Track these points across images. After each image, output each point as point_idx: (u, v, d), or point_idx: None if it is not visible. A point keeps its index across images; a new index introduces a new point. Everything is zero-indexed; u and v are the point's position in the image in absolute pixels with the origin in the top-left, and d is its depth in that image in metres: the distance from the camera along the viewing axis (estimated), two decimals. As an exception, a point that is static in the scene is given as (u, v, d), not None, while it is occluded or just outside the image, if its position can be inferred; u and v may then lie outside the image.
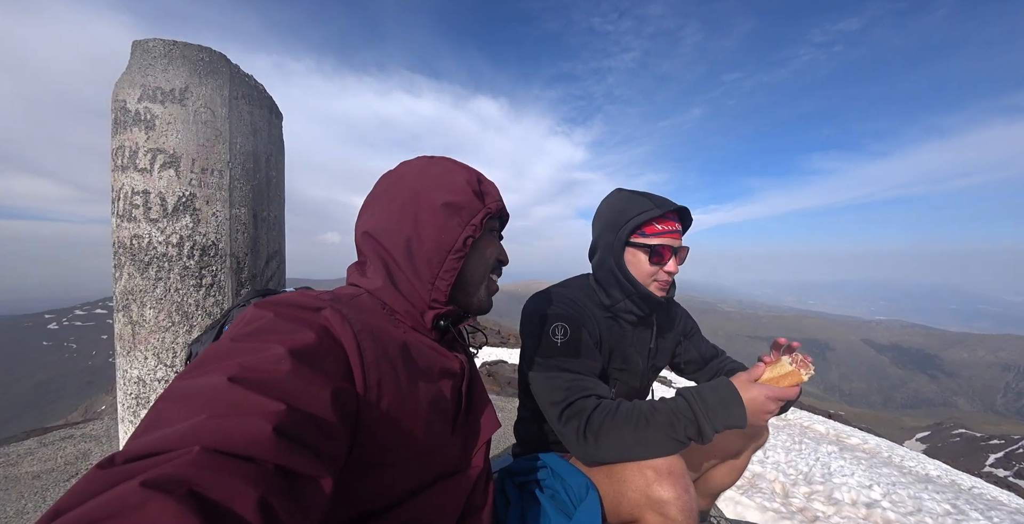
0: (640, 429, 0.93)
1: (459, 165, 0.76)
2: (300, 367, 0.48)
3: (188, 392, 0.43)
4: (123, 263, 1.47)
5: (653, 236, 1.11)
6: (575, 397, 0.99)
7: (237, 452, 0.38)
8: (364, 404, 0.55)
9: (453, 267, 0.70)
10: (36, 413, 72.86)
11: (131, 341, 1.45)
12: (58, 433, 2.47)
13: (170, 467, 0.34)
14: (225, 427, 0.39)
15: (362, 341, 0.57)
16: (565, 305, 1.12)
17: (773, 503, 4.65)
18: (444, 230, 0.69)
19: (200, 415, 0.40)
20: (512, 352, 12.57)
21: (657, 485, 0.88)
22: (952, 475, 9.10)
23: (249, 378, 0.44)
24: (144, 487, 0.31)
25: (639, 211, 1.10)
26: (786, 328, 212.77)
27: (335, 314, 0.58)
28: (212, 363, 0.47)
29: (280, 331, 0.52)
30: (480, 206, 0.73)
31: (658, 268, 1.12)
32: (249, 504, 0.35)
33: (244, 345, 0.49)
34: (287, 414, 0.43)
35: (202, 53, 1.56)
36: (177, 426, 0.39)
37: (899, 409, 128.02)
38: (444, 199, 0.70)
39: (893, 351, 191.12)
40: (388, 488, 0.61)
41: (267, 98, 1.79)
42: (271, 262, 1.77)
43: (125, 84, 1.51)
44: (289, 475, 0.40)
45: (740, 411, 0.92)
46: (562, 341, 1.05)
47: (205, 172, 1.53)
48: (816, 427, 12.37)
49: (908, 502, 5.26)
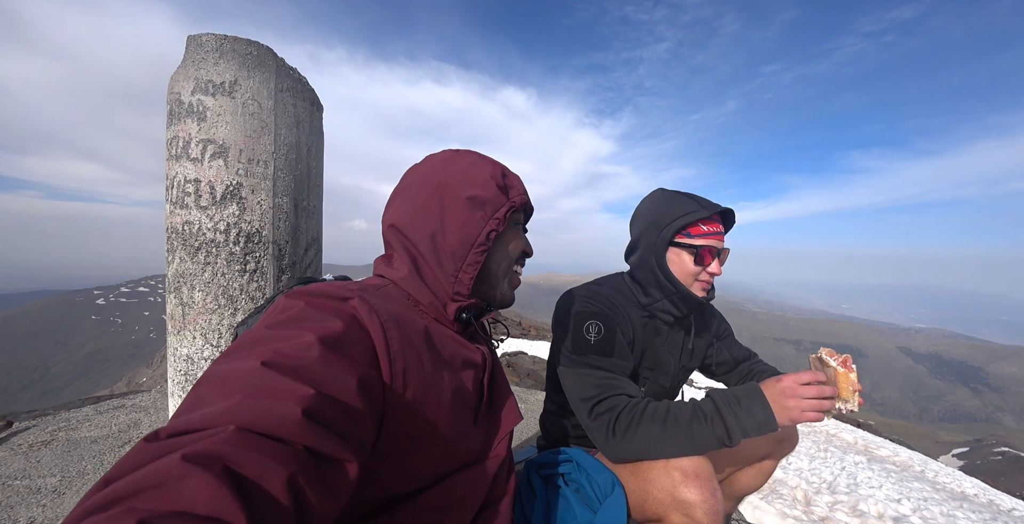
0: (668, 428, 0.93)
1: (484, 159, 0.77)
2: (329, 354, 0.50)
3: (225, 375, 0.46)
4: (175, 247, 1.56)
5: (698, 237, 1.10)
6: (606, 395, 1.00)
7: (269, 433, 0.40)
8: (390, 392, 0.57)
9: (476, 260, 0.71)
10: (86, 381, 78.26)
11: (181, 321, 1.54)
12: (111, 403, 2.66)
13: (208, 444, 0.36)
14: (258, 409, 0.41)
15: (388, 330, 0.59)
16: (600, 303, 1.13)
17: (794, 510, 4.55)
18: (468, 224, 0.70)
19: (235, 397, 0.42)
20: (532, 344, 12.60)
21: (684, 486, 0.89)
22: (991, 495, 8.63)
23: (281, 363, 0.46)
24: (185, 461, 0.34)
25: (685, 212, 1.10)
26: (815, 332, 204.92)
27: (363, 304, 0.60)
28: (247, 349, 0.50)
29: (310, 319, 0.54)
30: (504, 200, 0.74)
31: (701, 269, 1.11)
32: (279, 482, 0.37)
33: (277, 332, 0.52)
34: (316, 399, 0.45)
35: (251, 47, 1.62)
36: (215, 406, 0.41)
37: (935, 422, 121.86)
38: (468, 193, 0.71)
39: (932, 361, 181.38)
40: (412, 474, 0.63)
41: (309, 90, 1.84)
42: (310, 250, 1.84)
43: (180, 77, 1.59)
44: (317, 457, 0.42)
45: (762, 406, 0.91)
46: (595, 339, 1.06)
47: (251, 162, 1.60)
48: (843, 436, 11.94)
49: (940, 519, 5.05)
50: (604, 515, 0.90)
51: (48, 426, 2.23)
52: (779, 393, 0.92)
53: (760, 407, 0.91)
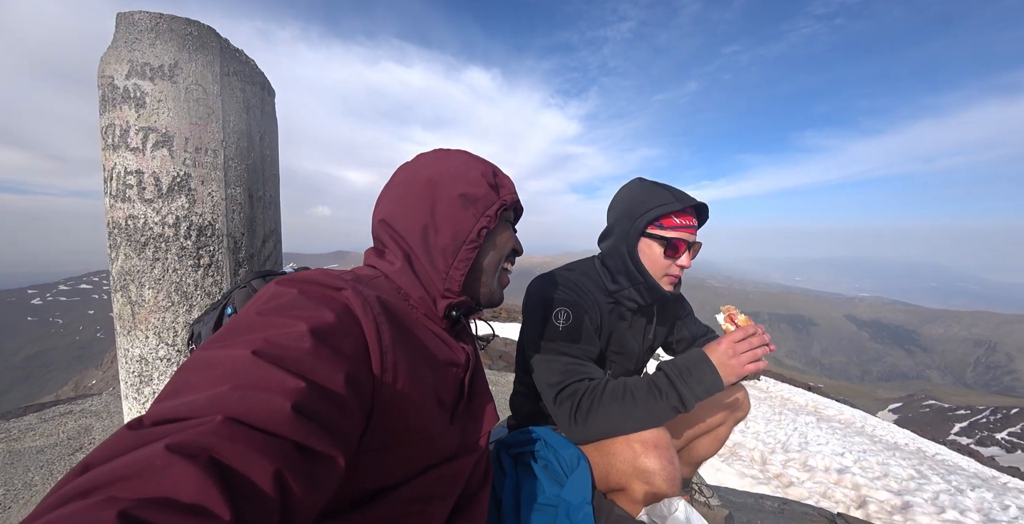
0: (626, 406, 0.99)
1: (475, 158, 0.77)
2: (320, 346, 0.49)
3: (213, 361, 0.44)
4: (119, 244, 1.47)
5: (670, 229, 1.11)
6: (569, 381, 1.04)
7: (257, 425, 0.39)
8: (380, 385, 0.57)
9: (467, 257, 0.72)
10: (27, 387, 72.86)
11: (131, 321, 1.47)
12: (57, 409, 2.51)
13: (193, 433, 0.35)
14: (247, 400, 0.40)
15: (381, 324, 0.59)
16: (569, 290, 1.15)
17: (752, 470, 4.92)
18: (460, 221, 0.71)
19: (223, 385, 0.41)
20: (503, 326, 12.74)
21: (644, 457, 0.95)
22: (919, 443, 9.65)
23: (272, 353, 0.45)
24: (169, 451, 0.33)
25: (659, 203, 1.11)
26: (772, 304, 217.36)
27: (356, 295, 0.59)
28: (237, 335, 0.48)
29: (303, 308, 0.53)
30: (495, 198, 0.74)
31: (671, 261, 1.14)
32: (265, 475, 0.37)
33: (268, 319, 0.51)
34: (305, 392, 0.44)
35: (190, 27, 1.51)
36: (201, 394, 0.40)
37: (875, 382, 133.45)
38: (460, 190, 0.72)
39: (873, 327, 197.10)
40: (394, 468, 0.64)
41: (259, 74, 1.74)
42: (268, 241, 1.78)
43: (111, 59, 1.46)
44: (304, 451, 0.42)
45: (711, 370, 0.99)
46: (564, 326, 1.09)
47: (199, 151, 1.51)
48: (796, 399, 12.91)
49: (876, 468, 5.61)
50: (571, 488, 0.96)
51: (-11, 436, 2.09)
52: (721, 355, 1.01)
53: (708, 372, 1.00)
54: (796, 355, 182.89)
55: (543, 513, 0.93)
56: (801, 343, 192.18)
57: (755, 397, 11.08)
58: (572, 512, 0.91)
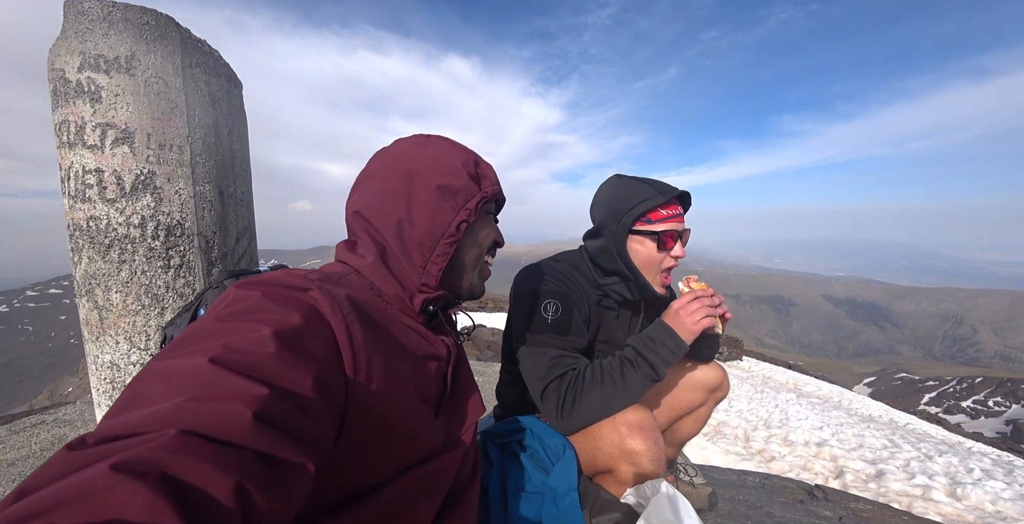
0: (606, 387, 1.02)
1: (456, 146, 0.74)
2: (286, 350, 0.47)
3: (167, 372, 0.42)
4: (81, 246, 1.41)
5: (659, 222, 1.11)
6: (555, 375, 1.05)
7: (215, 436, 0.37)
8: (354, 386, 0.55)
9: (445, 252, 0.69)
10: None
11: (99, 326, 1.42)
12: (28, 420, 2.42)
13: (143, 450, 0.33)
14: (204, 410, 0.38)
15: (351, 323, 0.57)
16: (558, 281, 1.15)
17: (735, 447, 5.09)
18: (438, 214, 0.68)
19: (178, 397, 0.39)
20: (491, 316, 12.77)
21: (630, 438, 0.98)
22: (891, 414, 10.11)
23: (231, 360, 0.43)
24: (114, 470, 0.31)
25: (642, 199, 1.10)
26: (753, 286, 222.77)
27: (324, 295, 0.56)
28: (194, 343, 0.46)
29: (266, 311, 0.51)
30: (476, 190, 0.71)
31: (665, 254, 1.15)
32: (225, 489, 0.34)
33: (228, 325, 0.48)
34: (269, 398, 0.42)
35: (147, 16, 1.43)
36: (154, 407, 0.38)
37: (851, 357, 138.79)
38: (439, 182, 0.69)
39: (848, 305, 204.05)
40: (375, 468, 0.62)
41: (224, 65, 1.67)
42: (241, 239, 1.73)
43: (62, 51, 1.38)
44: (269, 461, 0.40)
45: (670, 332, 1.07)
46: (552, 318, 1.09)
47: (163, 148, 1.45)
48: (776, 377, 13.36)
49: (852, 439, 5.86)
50: (556, 475, 0.97)
51: (-43, 451, 2.00)
52: (675, 316, 1.09)
53: (668, 335, 1.07)
54: (776, 335, 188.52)
55: (530, 501, 0.94)
56: (781, 323, 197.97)
57: (738, 377, 11.42)
58: (558, 499, 0.92)
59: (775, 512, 1.86)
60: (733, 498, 1.96)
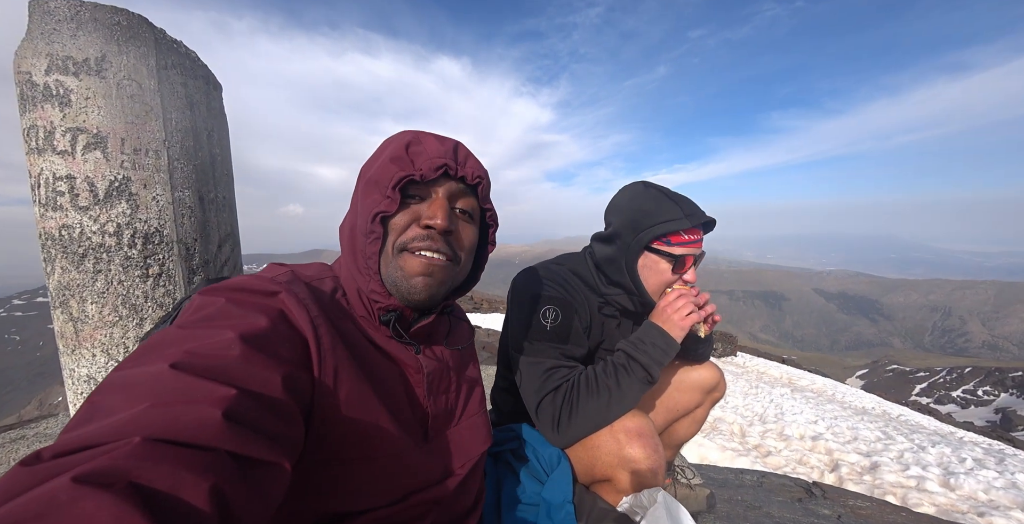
0: (601, 395, 0.99)
1: (402, 132, 0.67)
2: (252, 352, 0.46)
3: (127, 381, 0.40)
4: (54, 256, 1.35)
5: (679, 245, 1.06)
6: (552, 386, 1.01)
7: (185, 440, 0.36)
8: (321, 389, 0.53)
9: (372, 251, 0.61)
10: (-12, 409, 68.99)
11: (74, 339, 1.36)
12: (8, 435, 2.34)
13: (106, 459, 0.31)
14: (171, 415, 0.37)
15: (319, 326, 0.55)
16: (559, 287, 1.11)
17: (732, 443, 5.11)
18: (363, 211, 0.62)
19: (141, 404, 0.37)
20: (485, 317, 12.71)
21: (628, 446, 0.95)
22: (884, 406, 10.23)
23: (195, 364, 0.42)
24: (76, 483, 0.29)
25: (667, 218, 1.04)
26: (746, 282, 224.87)
27: (291, 297, 0.55)
28: (154, 351, 0.44)
29: (231, 316, 0.50)
30: (395, 171, 0.60)
31: (678, 277, 1.11)
32: (199, 493, 0.33)
33: (192, 332, 0.47)
34: (238, 398, 0.41)
35: (117, 16, 1.38)
36: (115, 417, 0.36)
37: (843, 351, 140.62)
38: (367, 177, 0.63)
39: (840, 298, 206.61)
40: (363, 489, 0.60)
41: (202, 67, 1.62)
42: (224, 246, 1.68)
43: (27, 53, 1.32)
44: (242, 460, 0.39)
45: (659, 331, 1.05)
46: (552, 325, 1.05)
47: (138, 152, 1.39)
48: (771, 372, 13.47)
49: (847, 432, 5.91)
50: (551, 487, 0.94)
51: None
52: (661, 313, 1.07)
53: (658, 334, 1.04)
54: (770, 330, 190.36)
55: (524, 512, 0.91)
56: (774, 318, 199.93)
57: (733, 373, 11.49)
58: (553, 511, 0.89)
59: (774, 512, 1.85)
60: (731, 498, 1.95)
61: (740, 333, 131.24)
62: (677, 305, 1.06)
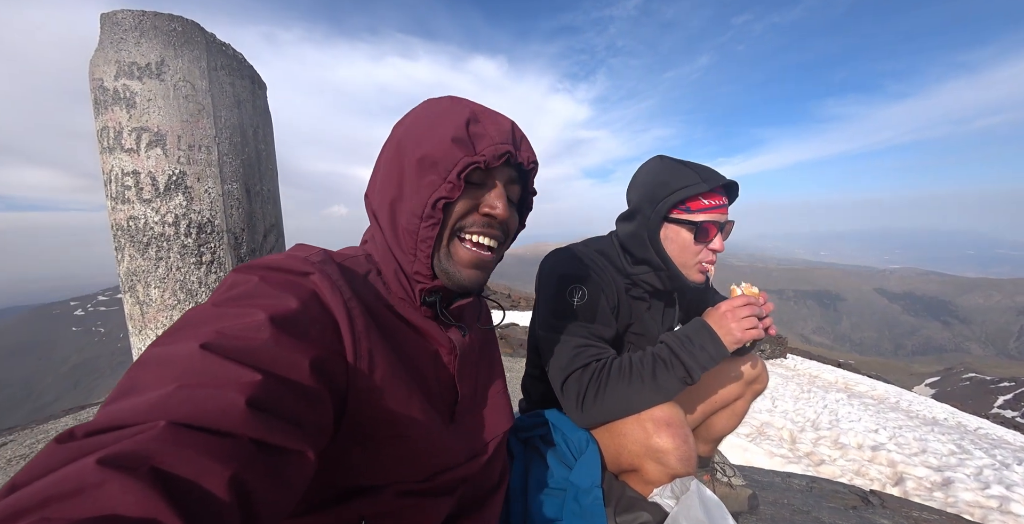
0: (633, 383, 0.95)
1: (455, 104, 0.64)
2: (281, 335, 0.46)
3: (162, 359, 0.41)
4: (123, 245, 1.48)
5: (699, 212, 1.02)
6: (577, 366, 0.99)
7: (208, 426, 0.36)
8: (355, 372, 0.53)
9: (428, 236, 0.61)
10: (76, 393, 77.13)
11: (141, 321, 1.49)
12: (90, 410, 2.62)
13: (132, 443, 0.32)
14: (195, 399, 0.37)
15: (352, 309, 0.55)
16: (585, 267, 1.09)
17: (781, 449, 4.82)
18: (417, 191, 0.60)
19: (170, 385, 0.38)
20: (523, 315, 12.74)
21: (656, 436, 0.91)
22: (959, 417, 9.31)
23: (224, 345, 0.42)
24: (102, 465, 0.30)
25: (684, 184, 1.01)
26: (797, 280, 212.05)
27: (324, 279, 0.55)
28: (189, 328, 0.45)
29: (264, 296, 0.50)
30: (460, 156, 0.59)
31: (703, 246, 1.05)
32: (219, 481, 0.33)
33: (224, 310, 0.47)
34: (264, 385, 0.41)
35: (174, 23, 1.49)
36: (145, 397, 0.37)
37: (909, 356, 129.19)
38: (420, 152, 0.60)
39: (905, 299, 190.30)
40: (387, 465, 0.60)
41: (248, 68, 1.72)
42: (269, 235, 1.77)
43: (100, 61, 1.46)
44: (265, 448, 0.39)
45: (712, 336, 0.97)
46: (578, 304, 1.03)
47: (193, 148, 1.50)
48: (825, 376, 12.61)
49: (913, 444, 5.42)
50: (579, 471, 0.92)
51: (26, 440, 2.18)
52: (720, 318, 0.99)
53: (709, 339, 0.97)
54: (824, 331, 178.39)
55: (551, 497, 0.90)
56: (829, 319, 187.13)
57: (783, 375, 10.87)
58: (581, 496, 0.88)
59: (824, 517, 1.73)
60: (776, 501, 1.84)
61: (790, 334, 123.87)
62: (740, 315, 0.98)
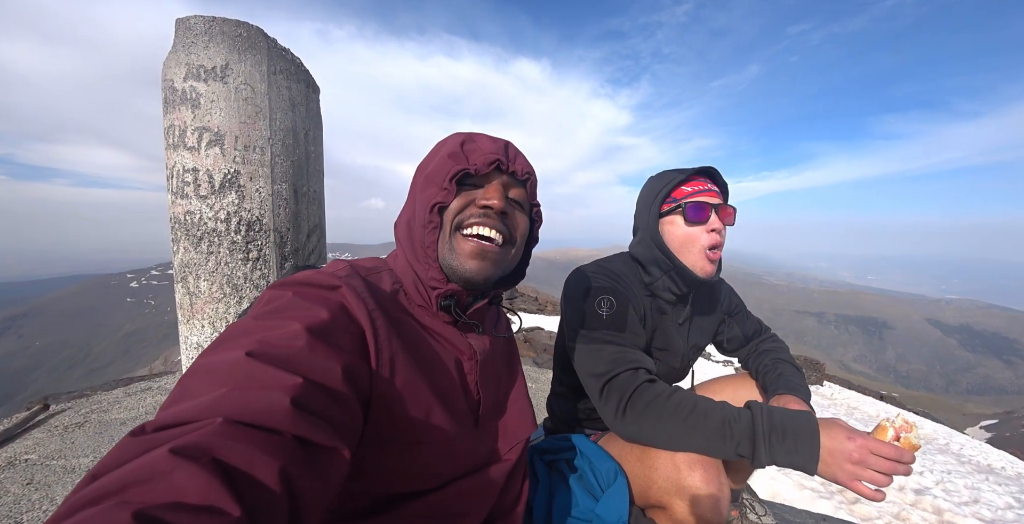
0: (689, 426, 0.87)
1: (456, 134, 0.73)
2: (316, 342, 0.50)
3: (211, 367, 0.46)
4: (179, 238, 1.57)
5: (684, 197, 1.08)
6: (617, 371, 0.96)
7: (257, 423, 0.40)
8: (378, 378, 0.57)
9: (431, 240, 0.67)
10: (127, 359, 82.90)
11: (190, 310, 1.57)
12: (140, 385, 2.78)
13: (195, 436, 0.36)
14: (245, 399, 0.41)
15: (376, 318, 0.60)
16: (611, 279, 1.11)
17: (811, 482, 4.56)
18: (421, 204, 0.68)
19: (222, 389, 0.42)
20: (549, 319, 12.66)
21: (689, 476, 0.87)
22: (1019, 468, 8.51)
23: (267, 353, 0.47)
24: (172, 454, 0.34)
25: (666, 181, 1.10)
26: (839, 304, 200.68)
27: (350, 291, 0.60)
28: (233, 340, 0.50)
29: (298, 309, 0.55)
30: (451, 166, 0.66)
31: (700, 228, 1.05)
32: (270, 471, 0.37)
33: (264, 323, 0.52)
34: (303, 387, 0.45)
35: (240, 28, 1.56)
36: (201, 399, 0.41)
37: (963, 395, 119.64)
38: (425, 173, 0.69)
39: (962, 333, 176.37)
40: (413, 471, 0.63)
41: (304, 72, 1.78)
42: (312, 236, 1.83)
43: (172, 63, 1.55)
44: (307, 445, 0.43)
45: (810, 449, 0.79)
46: (607, 314, 1.03)
47: (248, 149, 1.57)
48: (864, 408, 11.84)
49: (964, 492, 5.00)
50: (606, 504, 0.89)
51: (82, 408, 2.34)
52: (841, 450, 0.78)
53: (808, 451, 0.79)
54: (866, 360, 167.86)
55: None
56: (872, 348, 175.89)
57: (818, 404, 10.28)
58: (605, 532, 0.85)
59: (861, 571, 1.61)
60: (809, 547, 1.73)
61: (829, 360, 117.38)
62: (873, 462, 0.75)
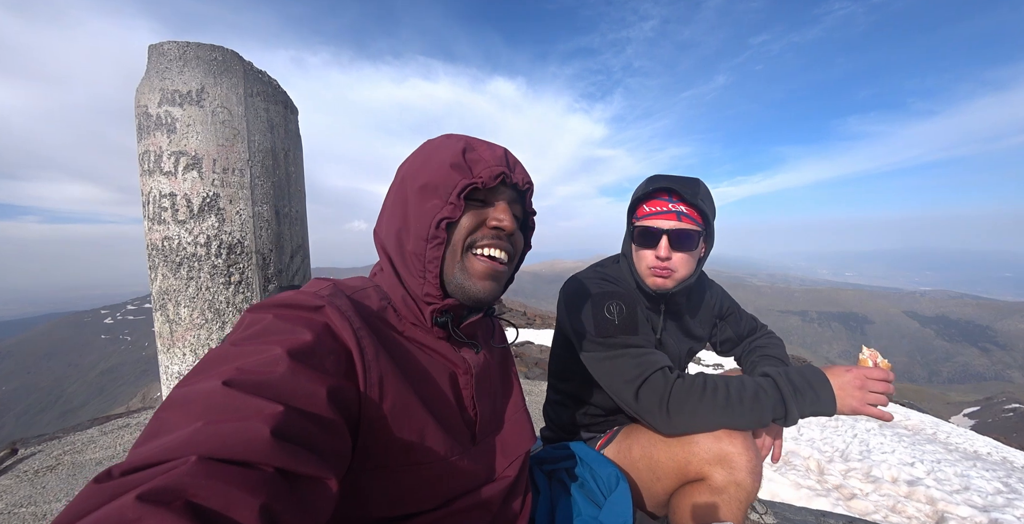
0: (730, 409, 0.92)
1: (451, 139, 0.70)
2: (298, 367, 0.48)
3: (186, 398, 0.43)
4: (157, 265, 1.53)
5: (642, 218, 1.07)
6: (648, 373, 0.96)
7: (235, 458, 0.38)
8: (367, 401, 0.55)
9: (435, 256, 0.64)
10: (103, 398, 79.12)
11: (170, 338, 1.52)
12: (116, 422, 2.66)
13: (166, 479, 0.34)
14: (222, 433, 0.39)
15: (362, 338, 0.57)
16: (611, 283, 1.10)
17: (808, 480, 4.58)
18: (421, 216, 0.64)
19: (197, 422, 0.40)
20: (538, 333, 12.61)
21: (729, 442, 0.89)
22: (1004, 452, 8.70)
23: (245, 381, 0.44)
24: (140, 501, 0.32)
25: (634, 196, 1.08)
26: (820, 301, 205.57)
27: (335, 312, 0.57)
28: (210, 368, 0.47)
29: (279, 332, 0.52)
30: (458, 179, 0.64)
31: (648, 251, 1.06)
32: (250, 511, 0.35)
33: (243, 348, 0.50)
34: (285, 415, 0.43)
35: (215, 52, 1.57)
36: (174, 435, 0.39)
37: (945, 384, 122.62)
38: (422, 181, 0.65)
39: (939, 323, 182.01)
40: (410, 494, 0.61)
41: (281, 93, 1.79)
42: (295, 257, 1.81)
43: (145, 89, 1.54)
44: (290, 477, 0.40)
45: (829, 394, 0.93)
46: (619, 318, 1.02)
47: (227, 171, 1.56)
48: (854, 403, 11.98)
49: (954, 480, 5.08)
50: (610, 510, 0.89)
51: (53, 451, 2.22)
52: (848, 382, 0.95)
53: (826, 394, 0.94)
54: (850, 356, 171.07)
55: (577, 537, 0.86)
56: (855, 343, 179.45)
57: (809, 402, 10.33)
58: (609, 537, 0.84)
59: (865, 564, 1.61)
60: (812, 543, 1.73)
61: (815, 358, 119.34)
62: (872, 386, 0.95)
